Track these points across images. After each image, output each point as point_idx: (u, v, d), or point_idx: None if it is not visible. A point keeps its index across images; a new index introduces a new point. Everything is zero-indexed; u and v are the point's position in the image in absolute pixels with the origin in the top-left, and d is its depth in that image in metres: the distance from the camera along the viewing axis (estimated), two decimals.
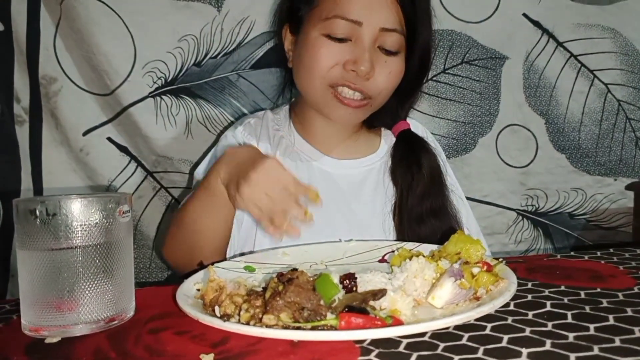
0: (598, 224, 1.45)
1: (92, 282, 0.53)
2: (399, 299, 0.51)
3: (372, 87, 0.91)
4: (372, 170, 1.03)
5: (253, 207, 0.70)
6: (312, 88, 0.93)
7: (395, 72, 0.93)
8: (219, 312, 0.51)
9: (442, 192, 0.99)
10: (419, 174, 0.98)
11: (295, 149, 1.02)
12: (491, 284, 0.55)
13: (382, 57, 0.91)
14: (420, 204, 0.96)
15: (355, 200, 0.99)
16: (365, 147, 1.06)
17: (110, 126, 1.23)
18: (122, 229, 0.56)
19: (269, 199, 0.69)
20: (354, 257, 0.76)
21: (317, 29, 0.90)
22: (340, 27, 0.88)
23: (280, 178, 0.71)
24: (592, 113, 1.42)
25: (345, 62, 0.89)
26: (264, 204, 0.69)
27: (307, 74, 0.93)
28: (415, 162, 0.99)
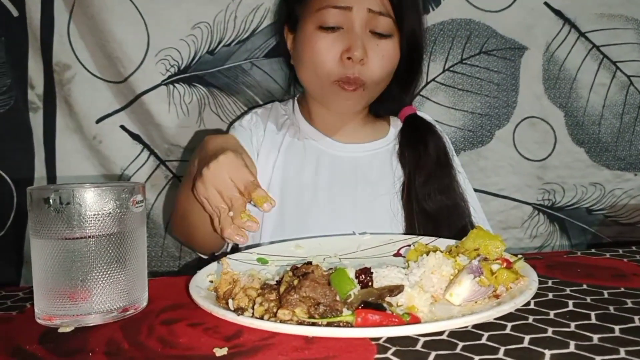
0: (616, 220, 1.43)
1: (105, 272, 0.53)
2: (417, 295, 0.50)
3: (368, 72, 0.94)
4: (379, 153, 1.06)
5: (206, 204, 0.71)
6: (317, 84, 0.97)
7: (389, 55, 0.95)
8: (233, 305, 0.50)
9: (449, 171, 1.02)
10: (425, 153, 1.01)
11: (303, 134, 1.05)
12: (511, 281, 0.54)
13: (374, 41, 0.94)
14: (427, 182, 0.98)
15: (361, 181, 1.01)
16: (372, 132, 1.09)
17: (123, 114, 1.23)
18: (136, 218, 0.56)
19: (217, 196, 0.69)
20: (369, 250, 0.75)
21: (310, 22, 0.94)
22: (332, 15, 0.92)
23: (232, 175, 0.69)
24: (613, 106, 1.39)
25: (340, 53, 0.92)
26: (212, 201, 0.69)
27: (307, 70, 0.97)
28: (422, 142, 1.02)
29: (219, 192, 0.69)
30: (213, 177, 0.69)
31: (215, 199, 0.69)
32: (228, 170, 0.69)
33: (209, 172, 0.70)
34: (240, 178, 0.69)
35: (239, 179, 0.69)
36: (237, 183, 0.69)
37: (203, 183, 0.70)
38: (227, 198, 0.68)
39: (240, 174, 0.70)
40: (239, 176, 0.69)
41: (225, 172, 0.69)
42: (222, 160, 0.70)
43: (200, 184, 0.70)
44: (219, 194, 0.69)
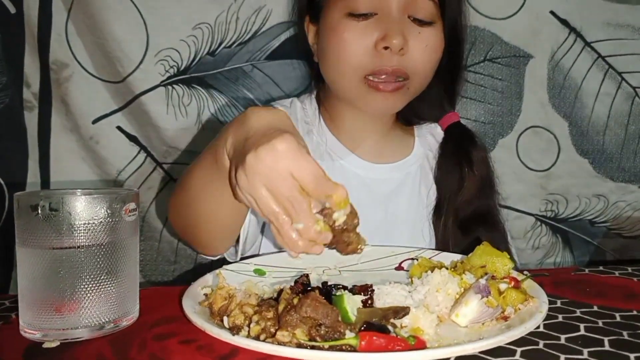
0: (619, 233, 1.41)
1: (94, 284, 0.50)
2: (422, 316, 0.47)
3: (409, 64, 0.80)
4: (409, 175, 0.94)
5: (253, 203, 0.52)
6: (344, 81, 0.83)
7: (433, 45, 0.81)
8: (228, 323, 0.48)
9: (492, 196, 0.90)
10: (470, 173, 0.88)
11: (328, 147, 0.92)
12: (520, 302, 0.51)
13: (415, 28, 0.80)
14: (467, 210, 0.86)
15: (390, 207, 0.90)
16: (399, 148, 0.97)
17: (120, 115, 1.21)
18: (128, 228, 0.53)
19: (269, 198, 0.50)
20: (369, 262, 0.72)
21: (337, 9, 0.81)
22: (364, 0, 0.78)
23: (292, 168, 0.49)
24: (618, 116, 1.37)
25: (375, 42, 0.78)
26: (263, 203, 0.50)
27: (336, 65, 0.83)
28: (466, 159, 0.89)
29: (272, 191, 0.49)
30: (265, 170, 0.49)
31: (267, 201, 0.50)
32: (287, 161, 0.49)
33: (259, 161, 0.49)
34: (306, 173, 0.49)
35: (303, 174, 0.49)
36: (302, 180, 0.49)
37: (248, 176, 0.50)
38: (285, 200, 0.49)
39: (305, 166, 0.49)
40: (303, 170, 0.49)
41: (283, 164, 0.49)
42: (278, 147, 0.48)
43: (243, 176, 0.50)
44: (271, 192, 0.50)
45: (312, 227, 0.49)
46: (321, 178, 0.50)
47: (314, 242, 0.51)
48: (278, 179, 0.49)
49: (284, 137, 0.49)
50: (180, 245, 1.26)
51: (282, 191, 0.49)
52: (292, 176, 0.49)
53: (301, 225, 0.49)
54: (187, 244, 0.78)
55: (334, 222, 0.50)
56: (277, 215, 0.50)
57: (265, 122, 0.54)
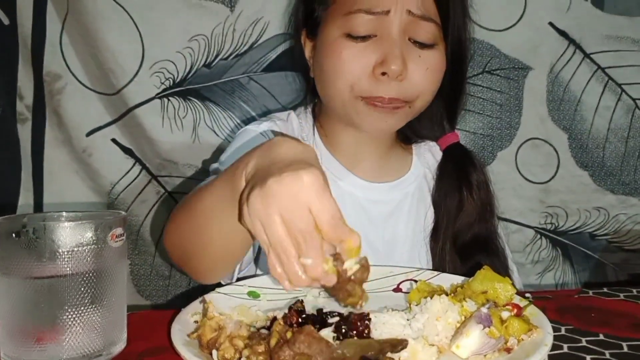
0: (620, 246, 1.39)
1: (77, 314, 0.48)
2: (421, 349, 0.45)
3: (409, 90, 0.77)
4: (407, 195, 0.91)
5: (258, 228, 0.48)
6: (338, 98, 0.80)
7: (434, 68, 0.79)
8: (217, 357, 0.46)
9: (492, 222, 0.88)
10: (469, 199, 0.85)
11: (324, 166, 0.90)
12: (523, 332, 0.49)
13: (415, 51, 0.77)
14: (466, 236, 0.83)
15: (388, 229, 0.88)
16: (397, 167, 0.94)
17: (114, 127, 1.19)
18: (115, 254, 0.51)
19: (281, 226, 0.46)
20: (367, 283, 0.70)
21: (335, 28, 0.78)
22: (363, 22, 0.75)
23: (313, 203, 0.46)
24: (618, 129, 1.35)
25: (373, 66, 0.76)
26: (273, 230, 0.46)
27: (331, 83, 0.80)
28: (466, 183, 0.86)
29: (285, 220, 0.46)
30: (284, 197, 0.46)
31: (278, 229, 0.46)
32: (310, 194, 0.46)
33: (281, 187, 0.46)
34: (325, 210, 0.46)
35: (322, 212, 0.46)
36: (319, 217, 0.46)
37: (264, 198, 0.46)
38: (297, 232, 0.46)
39: (326, 204, 0.46)
40: (323, 207, 0.46)
41: (304, 196, 0.46)
42: (305, 178, 0.46)
43: (259, 199, 0.47)
44: (284, 221, 0.46)
45: (320, 265, 0.47)
46: (339, 220, 0.47)
47: (316, 281, 0.48)
48: (296, 209, 0.46)
49: (311, 170, 0.47)
50: None
51: (296, 222, 0.46)
52: (310, 211, 0.46)
53: (310, 261, 0.46)
54: (181, 270, 0.72)
55: (345, 270, 0.48)
56: (286, 245, 0.47)
57: (293, 152, 0.52)
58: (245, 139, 0.89)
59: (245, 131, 0.92)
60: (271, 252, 0.48)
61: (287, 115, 0.98)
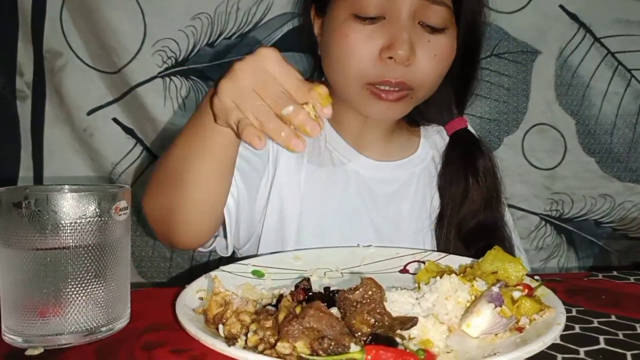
0: (625, 233, 1.38)
1: (81, 287, 0.47)
2: (431, 327, 0.44)
3: (414, 75, 0.75)
4: (413, 176, 0.89)
5: (230, 107, 0.50)
6: (345, 84, 0.79)
7: (443, 54, 0.76)
8: (224, 331, 0.45)
9: (498, 209, 0.86)
10: (475, 185, 0.83)
11: (329, 144, 0.88)
12: (535, 312, 0.48)
13: (425, 36, 0.75)
14: (471, 223, 0.82)
15: (392, 210, 0.86)
16: (403, 147, 0.92)
17: (116, 106, 1.17)
18: (119, 228, 0.50)
19: (253, 92, 0.49)
20: (373, 265, 0.69)
21: (343, 8, 0.76)
22: (373, 2, 0.73)
23: (277, 71, 0.49)
24: (626, 115, 1.34)
25: (379, 50, 0.74)
26: (246, 97, 0.49)
27: (337, 68, 0.79)
28: (472, 169, 0.84)
29: (257, 89, 0.49)
30: (250, 71, 0.49)
31: (251, 98, 0.48)
32: (273, 63, 0.49)
33: (244, 64, 0.49)
34: (290, 74, 0.49)
35: (287, 76, 0.49)
36: (285, 81, 0.49)
37: (233, 78, 0.49)
38: (271, 95, 0.48)
39: (290, 70, 0.49)
40: (288, 72, 0.49)
41: (269, 65, 0.49)
42: (263, 51, 0.49)
43: (227, 82, 0.50)
44: (256, 91, 0.49)
45: (302, 108, 0.48)
46: (303, 81, 0.50)
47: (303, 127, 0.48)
48: (264, 76, 0.49)
49: (269, 48, 0.50)
50: None
51: (268, 88, 0.49)
52: (275, 76, 0.49)
53: (291, 108, 0.47)
54: (163, 239, 0.73)
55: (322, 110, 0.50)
56: (260, 105, 0.49)
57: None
58: None
59: None
60: (247, 123, 0.49)
61: None
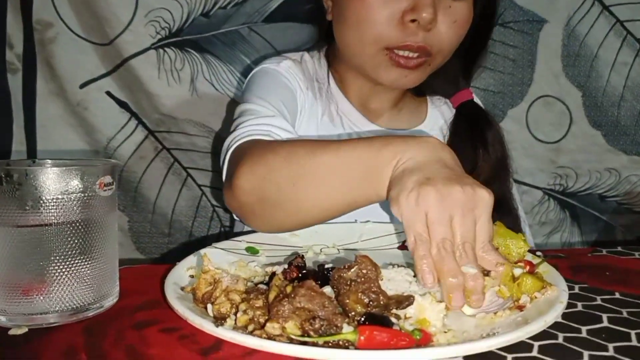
0: (630, 208, 1.36)
1: (65, 265, 0.45)
2: (428, 306, 0.42)
3: (435, 40, 0.74)
4: None
5: (420, 221, 0.46)
6: (362, 48, 0.76)
7: (462, 21, 0.75)
8: (212, 311, 0.43)
9: (506, 179, 0.85)
10: (485, 155, 0.82)
11: (340, 111, 0.87)
12: (536, 290, 0.46)
13: (446, 1, 0.74)
14: None
15: None
16: (411, 116, 0.91)
17: (109, 79, 1.14)
18: (103, 204, 0.48)
19: (449, 229, 0.45)
20: (371, 241, 0.68)
21: None
22: None
23: (481, 220, 0.46)
24: (635, 87, 1.30)
25: (402, 13, 0.71)
26: (442, 229, 0.45)
27: (354, 31, 0.76)
28: (481, 140, 0.83)
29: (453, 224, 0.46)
30: (460, 204, 0.45)
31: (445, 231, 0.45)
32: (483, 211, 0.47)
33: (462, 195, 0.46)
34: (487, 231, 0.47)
35: (485, 231, 0.47)
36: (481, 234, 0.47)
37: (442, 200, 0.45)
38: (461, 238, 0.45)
39: (489, 227, 0.47)
40: (487, 228, 0.47)
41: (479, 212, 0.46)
42: (485, 196, 0.47)
43: (435, 196, 0.45)
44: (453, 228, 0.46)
45: (482, 278, 0.45)
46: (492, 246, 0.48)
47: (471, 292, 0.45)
48: (467, 219, 0.46)
49: (489, 191, 0.48)
50: (174, 217, 1.21)
51: (463, 230, 0.45)
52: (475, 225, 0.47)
53: (473, 271, 0.44)
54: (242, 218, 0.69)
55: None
56: (448, 244, 0.45)
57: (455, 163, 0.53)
58: (271, 78, 0.85)
59: (265, 70, 0.88)
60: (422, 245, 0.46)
61: (300, 55, 0.93)
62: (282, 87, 0.84)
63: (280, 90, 0.84)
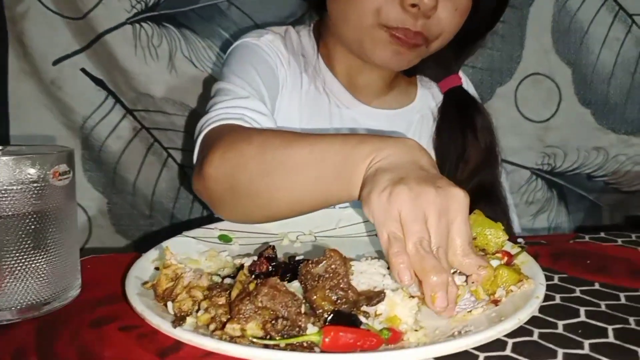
0: (617, 187, 1.35)
1: (19, 259, 0.43)
2: (400, 302, 0.40)
3: (434, 27, 0.73)
4: (410, 125, 0.86)
5: (393, 221, 0.43)
6: (359, 23, 0.73)
7: (462, 9, 0.75)
8: (173, 309, 0.41)
9: (495, 168, 0.83)
10: (473, 143, 0.81)
11: (327, 88, 0.84)
12: (513, 283, 0.45)
13: None
14: (469, 180, 0.78)
15: None
16: (400, 96, 0.89)
17: (83, 56, 1.10)
18: (59, 194, 0.45)
19: (424, 227, 0.43)
20: (349, 227, 0.66)
21: None
22: None
23: (456, 222, 0.44)
24: (625, 63, 1.28)
25: None
26: (416, 228, 0.42)
27: (351, 5, 0.73)
28: (470, 127, 0.81)
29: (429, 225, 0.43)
30: (434, 205, 0.43)
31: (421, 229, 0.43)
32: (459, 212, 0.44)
33: (435, 197, 0.43)
34: (464, 233, 0.44)
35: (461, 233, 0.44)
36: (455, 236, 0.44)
37: (416, 199, 0.43)
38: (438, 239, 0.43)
39: (467, 228, 0.45)
40: (464, 229, 0.44)
41: (453, 213, 0.44)
42: (461, 197, 0.44)
43: (409, 195, 0.43)
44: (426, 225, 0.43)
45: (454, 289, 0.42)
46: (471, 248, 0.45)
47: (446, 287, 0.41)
48: (442, 220, 0.43)
49: (464, 192, 0.45)
50: (155, 199, 1.19)
51: (439, 231, 0.43)
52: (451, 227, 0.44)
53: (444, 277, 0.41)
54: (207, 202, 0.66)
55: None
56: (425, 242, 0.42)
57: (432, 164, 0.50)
58: (250, 53, 0.83)
59: (245, 44, 0.85)
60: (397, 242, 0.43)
61: (284, 30, 0.90)
62: (261, 63, 0.81)
63: (260, 66, 0.81)
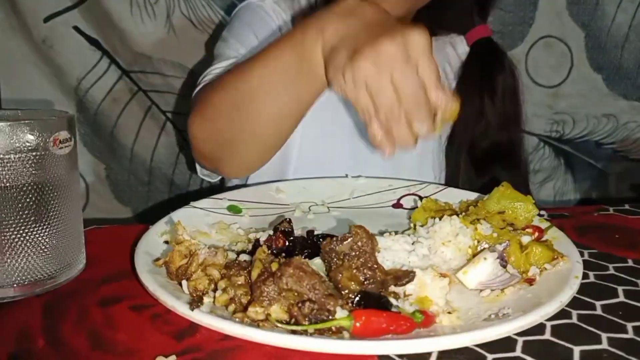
0: (625, 155, 1.33)
1: (19, 233, 0.40)
2: (430, 282, 0.38)
3: None
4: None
5: (363, 94, 0.43)
6: None
7: None
8: (188, 288, 0.38)
9: (517, 131, 0.78)
10: (494, 102, 0.76)
11: None
12: (546, 261, 0.42)
13: None
14: (485, 141, 0.75)
15: None
16: None
17: (76, 12, 1.04)
18: (60, 163, 0.42)
19: (393, 91, 0.42)
20: (363, 198, 0.63)
21: None
22: None
23: (422, 62, 0.42)
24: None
25: None
26: (386, 95, 0.42)
27: None
28: (490, 86, 0.76)
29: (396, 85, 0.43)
30: (397, 58, 0.42)
31: (389, 96, 0.43)
32: (420, 53, 0.42)
33: (391, 47, 0.42)
34: (433, 70, 0.43)
35: (430, 72, 0.43)
36: (426, 77, 0.43)
37: (377, 62, 0.42)
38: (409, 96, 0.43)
39: (434, 64, 0.43)
40: (431, 67, 0.43)
41: (415, 55, 0.42)
42: (417, 37, 0.42)
43: (370, 63, 0.42)
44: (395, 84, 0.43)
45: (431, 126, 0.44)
46: (441, 82, 0.44)
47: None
48: (408, 70, 0.43)
49: (420, 30, 0.43)
50: (154, 164, 1.15)
51: (408, 85, 0.43)
52: (418, 71, 0.43)
53: (425, 129, 0.43)
54: (208, 164, 0.67)
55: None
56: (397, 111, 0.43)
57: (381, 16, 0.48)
58: (252, 15, 0.79)
59: (248, 6, 0.81)
60: (375, 118, 0.44)
61: None
62: (262, 26, 0.77)
63: (261, 30, 0.77)
